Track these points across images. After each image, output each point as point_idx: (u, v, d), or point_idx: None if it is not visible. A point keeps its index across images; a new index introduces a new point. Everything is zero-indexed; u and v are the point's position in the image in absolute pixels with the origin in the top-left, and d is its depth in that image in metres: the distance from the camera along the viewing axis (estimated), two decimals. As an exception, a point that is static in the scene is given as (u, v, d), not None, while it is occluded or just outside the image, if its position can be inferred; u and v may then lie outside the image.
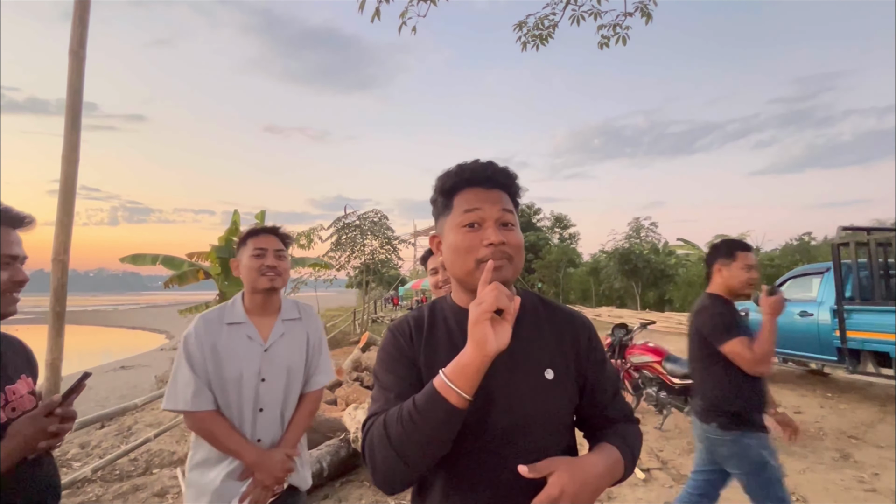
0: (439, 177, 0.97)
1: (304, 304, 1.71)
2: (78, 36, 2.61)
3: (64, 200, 2.57)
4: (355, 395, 5.15)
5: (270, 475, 1.46)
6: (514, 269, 0.91)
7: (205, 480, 1.47)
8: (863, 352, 5.40)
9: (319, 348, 1.68)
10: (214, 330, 1.51)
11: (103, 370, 12.16)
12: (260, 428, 1.50)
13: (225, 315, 1.55)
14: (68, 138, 2.59)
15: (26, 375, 1.19)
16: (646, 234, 23.19)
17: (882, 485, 3.47)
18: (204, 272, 8.95)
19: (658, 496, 3.32)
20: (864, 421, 5.03)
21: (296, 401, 1.59)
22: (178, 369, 1.48)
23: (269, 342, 1.55)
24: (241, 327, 1.54)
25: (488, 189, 0.93)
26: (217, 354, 1.48)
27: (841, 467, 3.81)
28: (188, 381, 1.45)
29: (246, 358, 1.50)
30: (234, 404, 1.48)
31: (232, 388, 1.48)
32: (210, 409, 1.46)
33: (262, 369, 1.51)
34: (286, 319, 1.62)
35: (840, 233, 5.86)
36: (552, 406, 0.90)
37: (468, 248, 0.89)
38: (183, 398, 1.45)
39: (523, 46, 5.17)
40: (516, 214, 0.97)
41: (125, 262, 8.77)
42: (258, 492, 1.45)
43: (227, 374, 1.47)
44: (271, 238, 1.60)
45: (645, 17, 4.75)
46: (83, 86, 2.62)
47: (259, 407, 1.50)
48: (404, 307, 29.91)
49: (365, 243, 13.53)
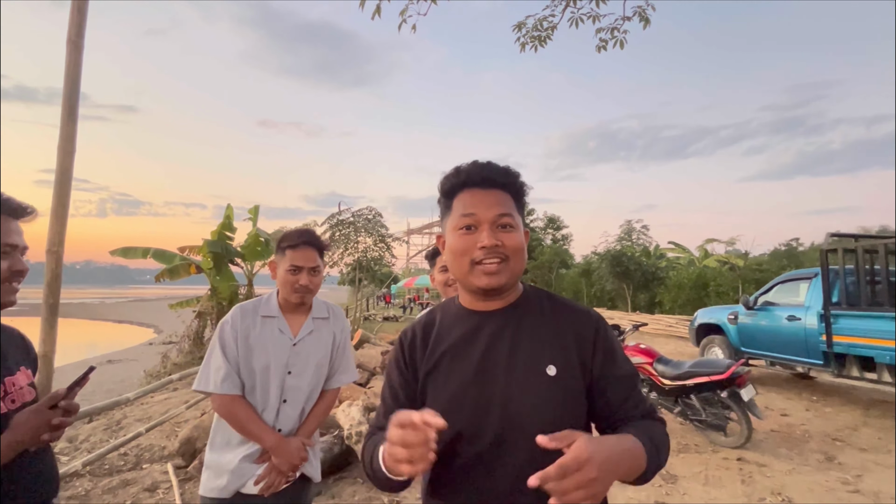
0: (441, 179, 0.98)
1: (333, 305, 1.78)
2: (76, 25, 2.58)
3: (59, 191, 2.54)
4: (349, 392, 5.15)
5: (287, 461, 1.52)
6: (510, 272, 0.91)
7: (223, 461, 1.53)
8: (848, 356, 5.49)
9: (344, 348, 1.75)
10: (249, 320, 1.59)
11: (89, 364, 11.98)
12: (282, 418, 1.57)
13: (260, 308, 1.62)
14: (65, 129, 2.56)
15: (26, 367, 1.18)
16: (637, 237, 23.38)
17: (865, 486, 3.55)
18: (196, 266, 8.86)
19: (648, 496, 3.36)
20: (847, 424, 5.13)
21: (317, 396, 1.67)
22: (212, 353, 1.55)
23: (298, 337, 1.62)
24: (273, 321, 1.61)
25: (486, 190, 0.93)
26: (248, 344, 1.55)
27: (826, 469, 3.89)
28: (220, 365, 1.52)
29: (275, 350, 1.57)
30: (259, 392, 1.55)
31: (259, 377, 1.54)
32: (237, 393, 1.52)
33: (289, 362, 1.58)
34: (316, 318, 1.69)
35: (829, 239, 5.96)
36: (554, 402, 0.87)
37: (463, 251, 0.91)
38: (213, 381, 1.51)
39: (522, 47, 5.20)
40: (519, 213, 0.97)
41: (115, 255, 8.66)
42: (274, 475, 1.52)
43: (256, 363, 1.54)
44: (309, 253, 1.62)
45: (643, 22, 4.80)
46: (81, 76, 2.60)
47: (284, 398, 1.57)
48: (396, 305, 29.87)
49: (359, 240, 13.49)
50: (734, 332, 7.13)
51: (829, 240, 5.94)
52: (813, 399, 6.25)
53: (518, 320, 0.94)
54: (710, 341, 7.57)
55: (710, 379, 4.22)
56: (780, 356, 6.44)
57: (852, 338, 5.39)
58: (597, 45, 5.08)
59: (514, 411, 0.86)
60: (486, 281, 0.90)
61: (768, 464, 3.97)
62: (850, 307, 5.51)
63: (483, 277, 0.90)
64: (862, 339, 5.29)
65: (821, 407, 5.87)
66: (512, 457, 0.86)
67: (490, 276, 0.90)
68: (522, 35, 5.11)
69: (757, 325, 6.76)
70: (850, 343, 5.40)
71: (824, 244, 5.95)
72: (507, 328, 0.93)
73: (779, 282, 6.86)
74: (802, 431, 4.88)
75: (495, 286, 0.91)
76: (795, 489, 3.48)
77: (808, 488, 3.51)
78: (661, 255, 23.91)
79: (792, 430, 4.90)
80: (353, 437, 3.55)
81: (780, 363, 6.59)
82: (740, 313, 7.09)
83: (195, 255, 8.92)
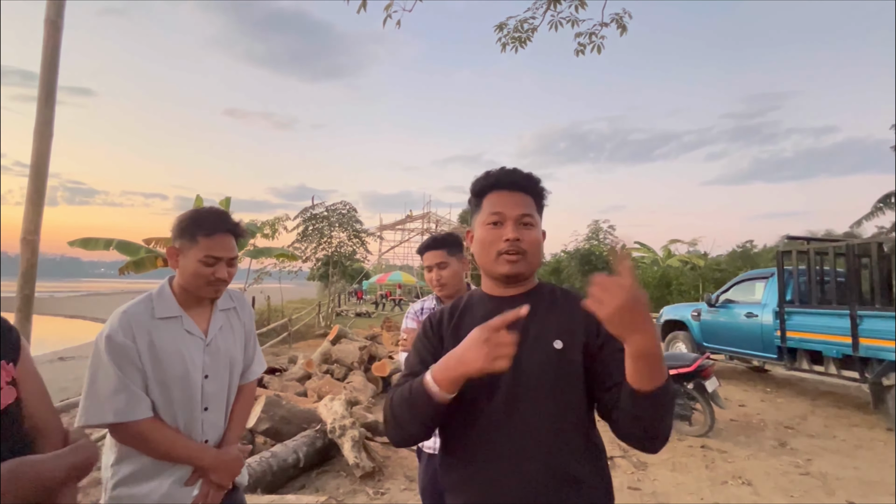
0: (472, 181, 1.13)
1: (234, 291, 1.56)
2: (55, 4, 2.47)
3: (35, 178, 2.44)
4: (327, 387, 5.13)
5: (228, 475, 1.38)
6: (527, 264, 1.06)
7: (143, 492, 1.29)
8: (799, 350, 5.92)
9: (254, 338, 1.59)
10: (144, 326, 1.31)
11: (39, 361, 11.13)
12: (206, 427, 1.39)
13: (155, 309, 1.34)
14: (42, 113, 2.46)
15: (6, 362, 0.94)
16: (604, 237, 24.13)
17: (815, 469, 3.86)
18: (163, 259, 8.54)
19: (621, 483, 3.54)
20: (798, 413, 5.54)
21: (234, 394, 1.48)
22: (100, 375, 1.26)
23: (209, 336, 1.40)
24: (176, 321, 1.36)
25: (511, 192, 1.08)
26: (155, 352, 1.30)
27: (779, 454, 4.19)
28: (116, 387, 1.24)
29: (188, 354, 1.35)
30: (178, 406, 1.33)
31: (176, 389, 1.32)
32: (149, 416, 1.28)
33: (205, 365, 1.38)
34: (222, 309, 1.47)
35: (784, 242, 6.37)
36: (558, 371, 1.00)
37: (491, 242, 1.06)
38: (113, 408, 1.23)
39: (503, 47, 5.28)
40: (539, 214, 1.11)
41: (75, 246, 8.23)
42: (213, 493, 1.36)
43: (169, 373, 1.31)
44: (228, 241, 1.38)
45: (620, 29, 4.98)
46: (59, 58, 2.49)
47: (204, 406, 1.38)
48: (368, 301, 29.63)
49: (332, 235, 13.30)
50: (697, 329, 7.52)
51: (784, 242, 6.35)
52: (767, 391, 6.69)
53: (533, 305, 1.04)
54: (674, 337, 7.95)
55: (678, 371, 4.46)
56: (739, 351, 6.84)
57: (803, 333, 5.80)
58: (575, 49, 5.22)
59: (524, 375, 0.99)
60: (508, 268, 1.05)
61: (729, 450, 4.24)
62: (802, 305, 5.92)
63: (506, 265, 1.05)
64: (812, 335, 5.70)
65: (774, 398, 6.30)
66: (521, 414, 0.98)
67: (511, 265, 1.04)
68: (504, 36, 5.20)
69: (718, 321, 7.16)
70: (802, 338, 5.82)
71: (780, 246, 6.35)
72: None
73: (738, 281, 7.27)
74: (758, 420, 5.22)
75: (515, 273, 1.05)
76: (754, 473, 3.75)
77: (764, 472, 3.78)
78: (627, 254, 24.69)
79: (749, 420, 5.24)
80: (337, 430, 3.56)
81: (738, 357, 7.01)
82: (703, 310, 7.47)
83: (162, 247, 8.60)
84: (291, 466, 3.35)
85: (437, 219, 33.48)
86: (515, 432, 0.97)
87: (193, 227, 1.35)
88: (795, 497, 3.35)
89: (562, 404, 0.99)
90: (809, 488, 3.50)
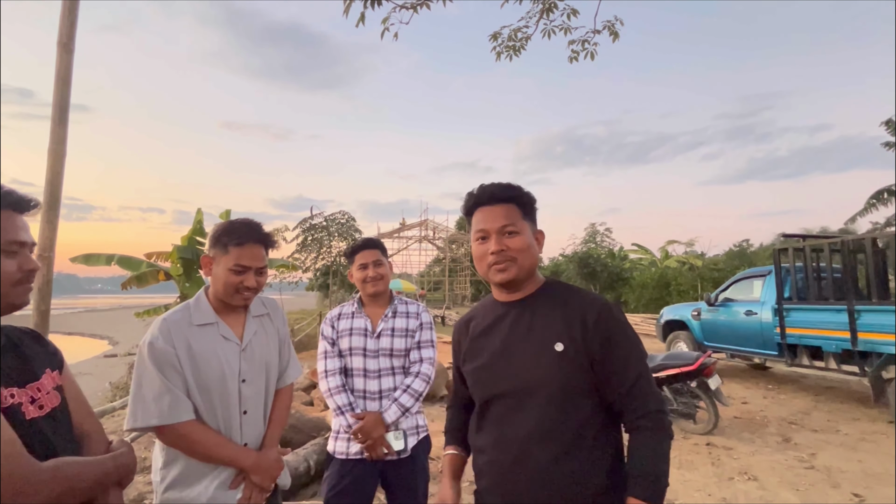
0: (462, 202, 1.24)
1: (267, 298, 1.63)
2: (67, 27, 2.55)
3: (50, 195, 2.49)
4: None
5: (269, 477, 1.41)
6: (519, 268, 1.14)
7: (191, 496, 1.34)
8: (799, 346, 5.97)
9: (288, 343, 1.64)
10: (182, 332, 1.37)
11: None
12: (246, 431, 1.43)
13: (192, 316, 1.41)
14: (55, 132, 2.52)
15: (51, 369, 1.06)
16: (601, 240, 24.25)
17: (819, 463, 3.91)
18: (165, 273, 8.56)
19: (629, 481, 3.58)
20: (800, 409, 5.59)
21: (272, 398, 1.54)
22: (144, 380, 1.31)
23: (245, 341, 1.46)
24: (212, 328, 1.42)
25: (492, 206, 1.16)
26: (194, 357, 1.35)
27: (784, 449, 4.24)
28: (160, 390, 1.29)
29: (225, 358, 1.40)
30: (219, 409, 1.38)
31: (215, 392, 1.37)
32: (191, 418, 1.33)
33: (241, 370, 1.43)
34: (256, 316, 1.53)
35: (780, 239, 6.45)
36: (559, 374, 1.06)
37: (480, 256, 1.17)
38: (157, 412, 1.28)
39: (498, 56, 5.38)
40: (528, 218, 1.18)
41: (77, 262, 8.25)
42: (255, 495, 1.40)
43: (208, 377, 1.36)
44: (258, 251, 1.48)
45: (612, 36, 5.09)
46: (72, 79, 2.56)
47: (243, 409, 1.43)
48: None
49: (332, 245, 13.35)
50: (697, 328, 7.58)
51: (781, 240, 6.44)
52: (769, 387, 6.74)
53: (535, 307, 1.16)
54: (675, 336, 8.01)
55: (681, 370, 4.51)
56: (740, 349, 6.90)
57: (803, 329, 5.87)
58: (569, 56, 5.33)
59: (528, 379, 1.10)
60: (500, 277, 1.14)
61: (734, 447, 4.29)
62: (800, 301, 5.99)
63: (497, 275, 1.14)
64: (811, 331, 5.77)
65: (776, 394, 6.35)
66: (528, 411, 1.09)
67: (501, 273, 1.14)
68: (498, 45, 5.31)
69: (718, 320, 7.22)
70: (801, 334, 5.88)
71: (776, 244, 6.44)
72: (526, 313, 1.16)
73: (736, 280, 7.34)
74: (762, 417, 5.27)
75: (508, 280, 1.14)
76: (759, 468, 3.79)
77: (770, 467, 3.82)
78: (624, 256, 24.87)
79: (752, 416, 5.29)
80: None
81: (740, 355, 7.06)
82: (703, 310, 7.54)
83: (164, 261, 8.61)
84: (303, 474, 3.37)
85: (435, 226, 33.56)
86: (524, 426, 1.09)
87: (225, 237, 1.42)
88: (801, 491, 3.40)
89: (564, 404, 1.06)
90: (815, 482, 3.54)
